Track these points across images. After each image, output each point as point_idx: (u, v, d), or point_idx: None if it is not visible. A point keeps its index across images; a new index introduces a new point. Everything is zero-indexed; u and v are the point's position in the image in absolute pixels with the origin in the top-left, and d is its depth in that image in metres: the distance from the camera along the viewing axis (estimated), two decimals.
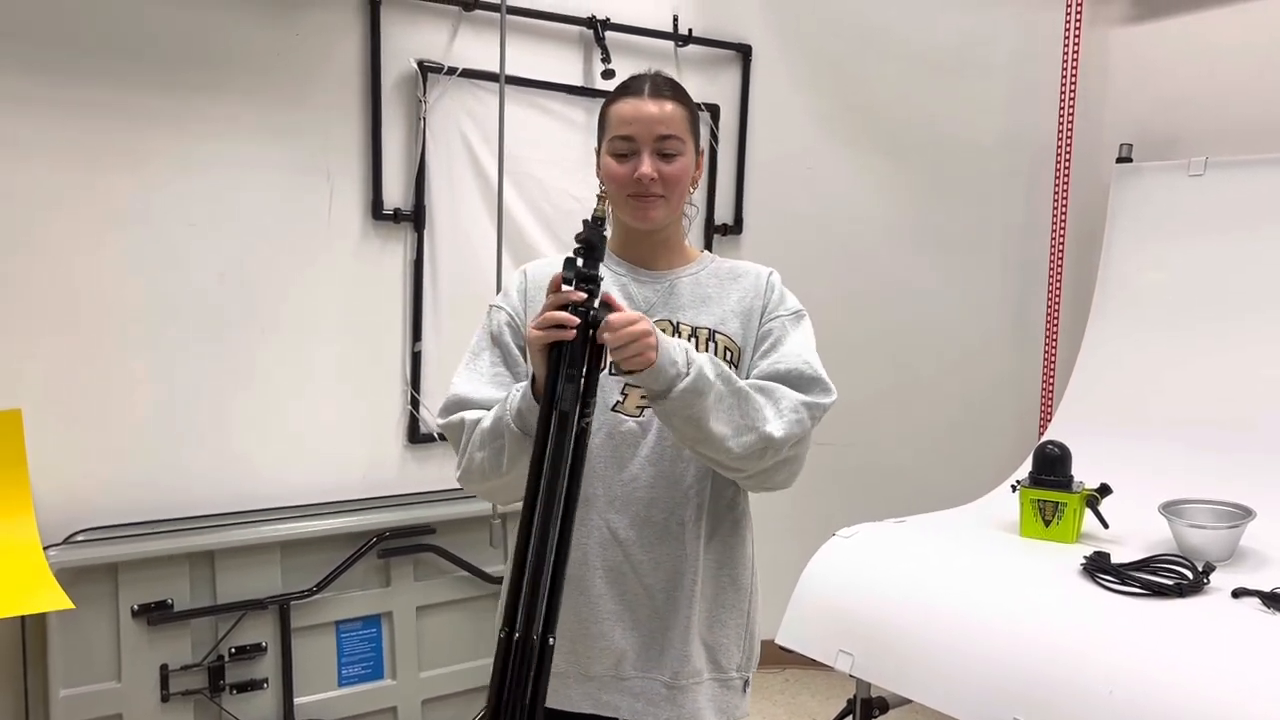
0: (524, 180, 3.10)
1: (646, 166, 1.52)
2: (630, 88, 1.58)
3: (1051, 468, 2.50)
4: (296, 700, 2.72)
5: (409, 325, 3.02)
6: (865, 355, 3.60)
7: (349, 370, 2.94)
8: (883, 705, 2.52)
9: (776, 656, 3.77)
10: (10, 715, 2.50)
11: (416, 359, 3.02)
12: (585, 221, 1.41)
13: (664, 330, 1.55)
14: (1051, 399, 3.30)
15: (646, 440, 1.55)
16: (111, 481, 2.63)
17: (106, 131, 2.55)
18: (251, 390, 2.80)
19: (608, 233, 1.46)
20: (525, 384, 1.45)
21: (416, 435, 3.05)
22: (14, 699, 2.50)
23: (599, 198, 1.53)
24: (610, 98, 1.60)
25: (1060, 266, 3.32)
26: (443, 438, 3.03)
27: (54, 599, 2.09)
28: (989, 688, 2.01)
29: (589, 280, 1.38)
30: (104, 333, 2.59)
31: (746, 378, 1.55)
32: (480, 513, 2.96)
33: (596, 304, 1.38)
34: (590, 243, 1.39)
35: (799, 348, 1.57)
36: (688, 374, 1.39)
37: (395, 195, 2.95)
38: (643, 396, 1.53)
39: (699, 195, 1.70)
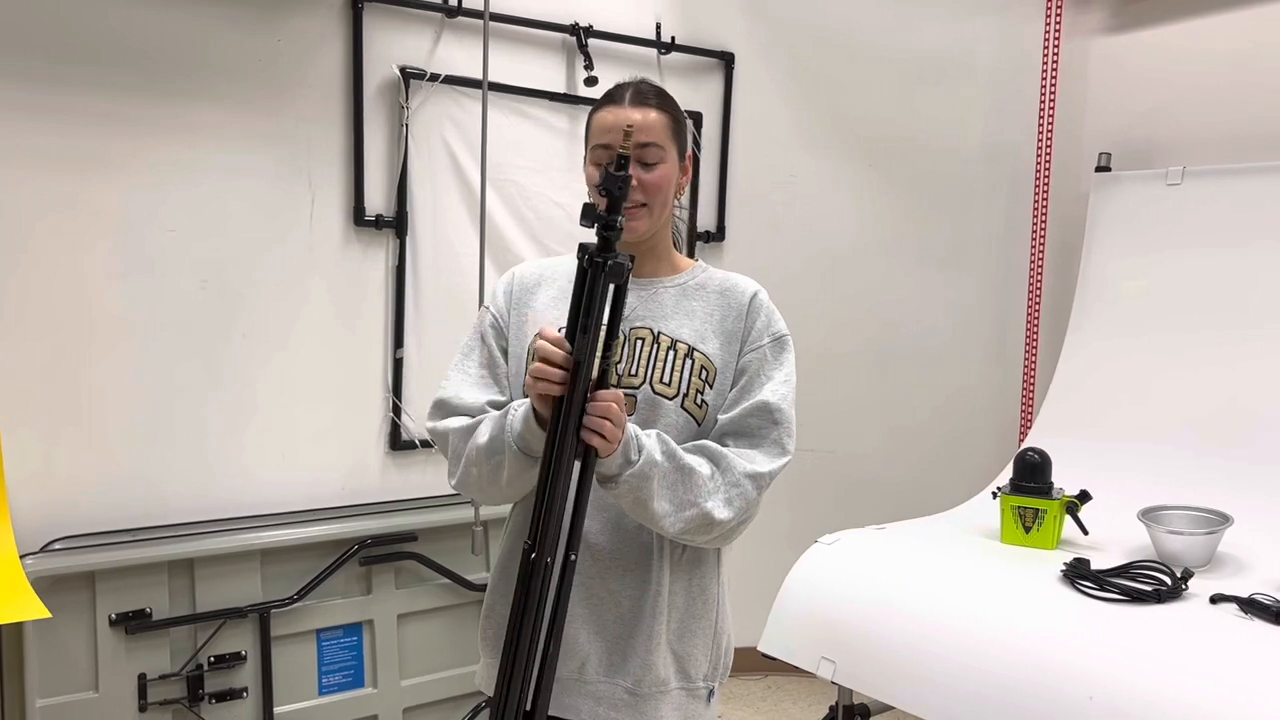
0: (506, 186, 3.10)
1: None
2: (613, 96, 1.58)
3: (1032, 474, 2.51)
4: (276, 709, 2.70)
5: (391, 331, 3.01)
6: (847, 363, 3.62)
7: (330, 377, 2.93)
8: (865, 712, 2.53)
9: (759, 663, 3.77)
10: None
11: (398, 365, 3.01)
12: (606, 173, 1.38)
13: (644, 339, 1.56)
14: (1032, 406, 3.32)
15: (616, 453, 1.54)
16: (89, 490, 2.61)
17: (88, 138, 2.54)
18: (232, 397, 2.79)
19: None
20: (526, 405, 1.44)
21: (398, 442, 3.04)
22: None
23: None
24: (595, 106, 1.60)
25: (1040, 275, 3.34)
26: (425, 444, 3.03)
27: (30, 608, 2.06)
28: (970, 694, 2.02)
29: (608, 227, 1.36)
30: (83, 340, 2.57)
31: (722, 404, 1.56)
32: (462, 520, 2.95)
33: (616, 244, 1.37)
34: (609, 191, 1.37)
35: (774, 389, 1.57)
36: (637, 461, 1.42)
37: (377, 201, 2.94)
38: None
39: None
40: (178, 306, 2.69)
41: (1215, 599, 2.07)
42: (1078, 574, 2.19)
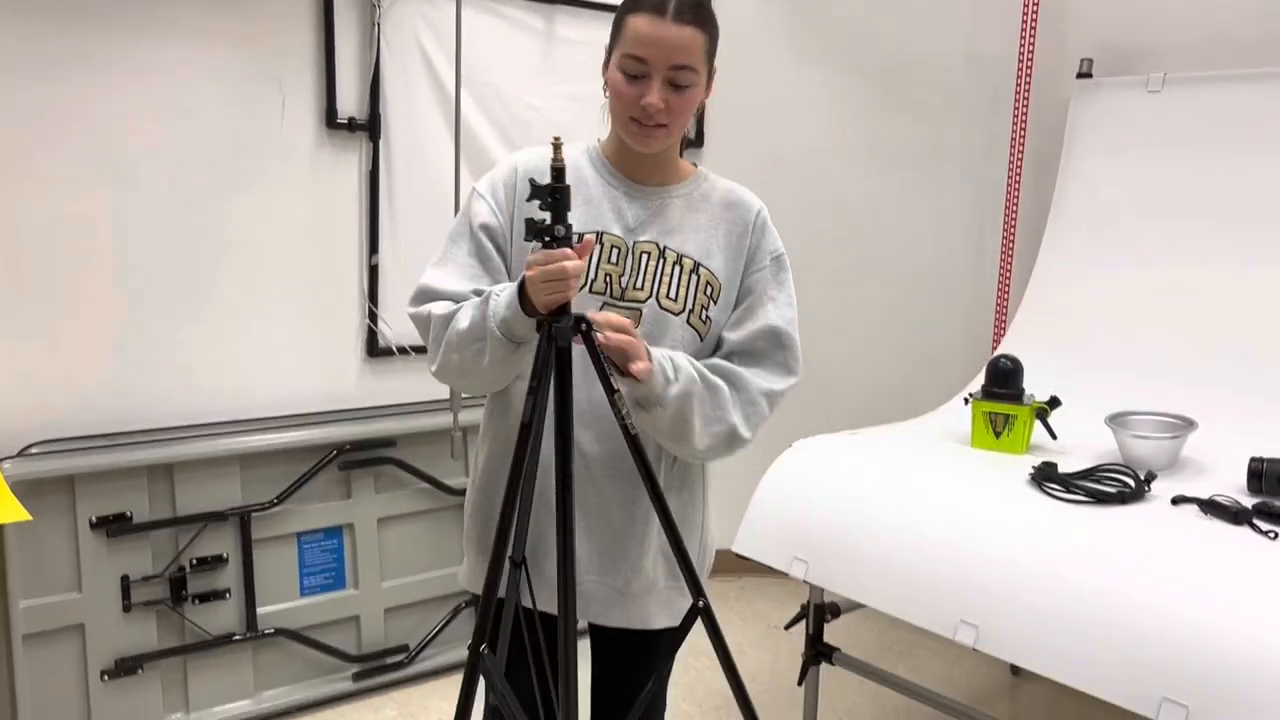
0: (481, 89, 3.04)
1: (654, 96, 1.44)
2: (654, 2, 1.44)
3: (1003, 381, 2.54)
4: (259, 609, 2.75)
5: (366, 237, 2.98)
6: (823, 271, 3.62)
7: (306, 283, 2.91)
8: (835, 610, 2.59)
9: (733, 565, 3.85)
10: None
11: (374, 272, 2.99)
12: (536, 183, 1.34)
13: (650, 254, 1.53)
14: (1006, 315, 3.35)
15: None
16: (65, 395, 2.60)
17: (54, 39, 2.46)
18: (206, 303, 2.77)
19: (598, 142, 1.42)
20: (511, 291, 1.40)
21: (375, 349, 3.04)
22: None
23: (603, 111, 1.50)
24: (631, 3, 1.47)
25: (1018, 184, 3.33)
26: (403, 351, 3.03)
27: (9, 511, 2.07)
28: (938, 592, 2.08)
29: (555, 238, 1.33)
30: (54, 245, 2.53)
31: (725, 320, 1.57)
32: (441, 426, 2.97)
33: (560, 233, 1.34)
34: (555, 210, 1.33)
35: (780, 313, 1.58)
36: (675, 380, 1.42)
37: (350, 104, 2.89)
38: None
39: None
40: (148, 212, 2.65)
41: (1177, 500, 2.13)
42: (1045, 477, 2.24)
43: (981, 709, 2.41)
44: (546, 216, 1.34)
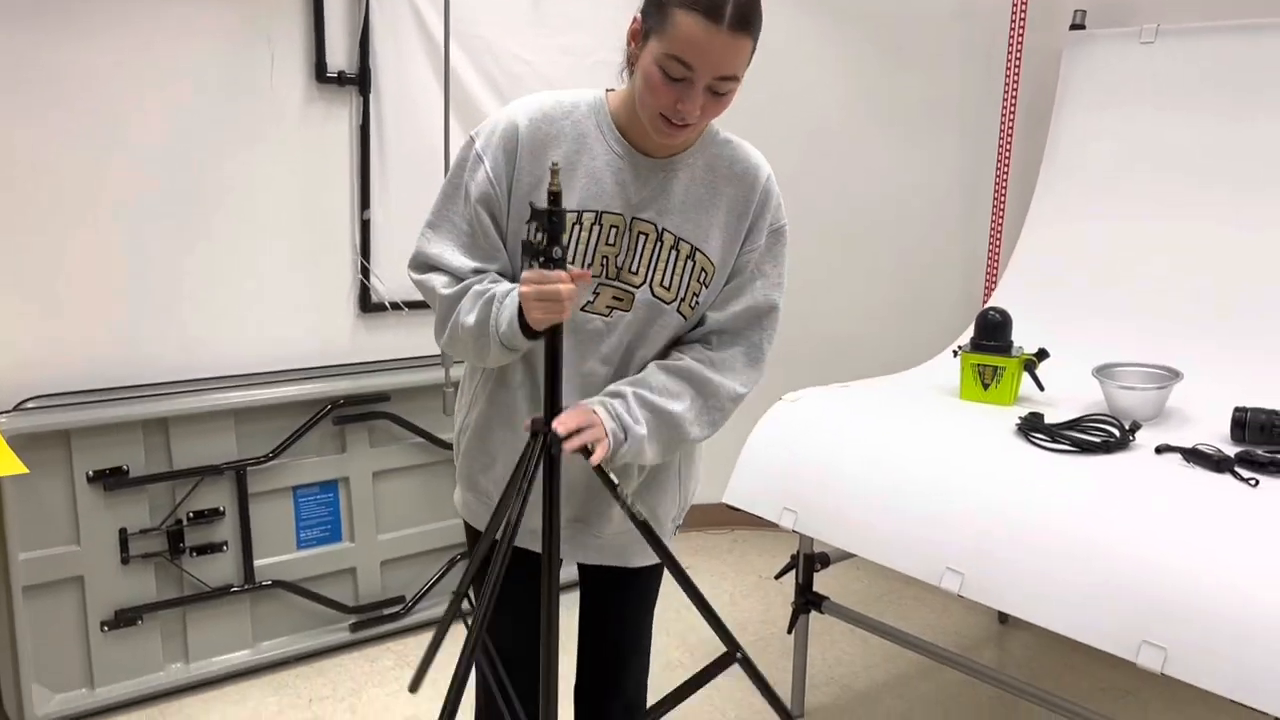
0: (471, 42, 3.02)
1: (693, 104, 1.37)
2: (713, 7, 1.32)
3: (992, 333, 2.56)
4: (257, 562, 2.78)
5: (357, 193, 2.97)
6: (815, 225, 3.62)
7: (298, 239, 2.91)
8: (824, 560, 2.64)
9: (725, 518, 3.89)
10: None
11: (365, 227, 2.99)
12: (535, 209, 1.33)
13: (647, 235, 1.51)
14: (997, 269, 3.36)
15: (609, 340, 1.53)
16: (59, 351, 2.61)
17: None
18: (199, 259, 2.77)
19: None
20: (512, 308, 1.40)
21: (368, 304, 3.04)
22: None
23: (625, 63, 1.47)
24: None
25: (1010, 137, 3.32)
26: (395, 307, 3.05)
27: (6, 464, 2.09)
28: (924, 540, 2.12)
29: (551, 259, 1.34)
30: (46, 201, 2.53)
31: (713, 300, 1.57)
32: (433, 381, 2.99)
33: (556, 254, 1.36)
34: (551, 233, 1.33)
35: (766, 292, 1.58)
36: (626, 440, 1.47)
37: (339, 58, 2.87)
38: (615, 298, 1.51)
39: None
40: (139, 168, 2.64)
41: (1160, 449, 2.16)
42: (1031, 427, 2.27)
43: (969, 656, 2.45)
44: (543, 238, 1.33)
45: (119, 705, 2.59)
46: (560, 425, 1.40)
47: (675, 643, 3.04)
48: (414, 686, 1.61)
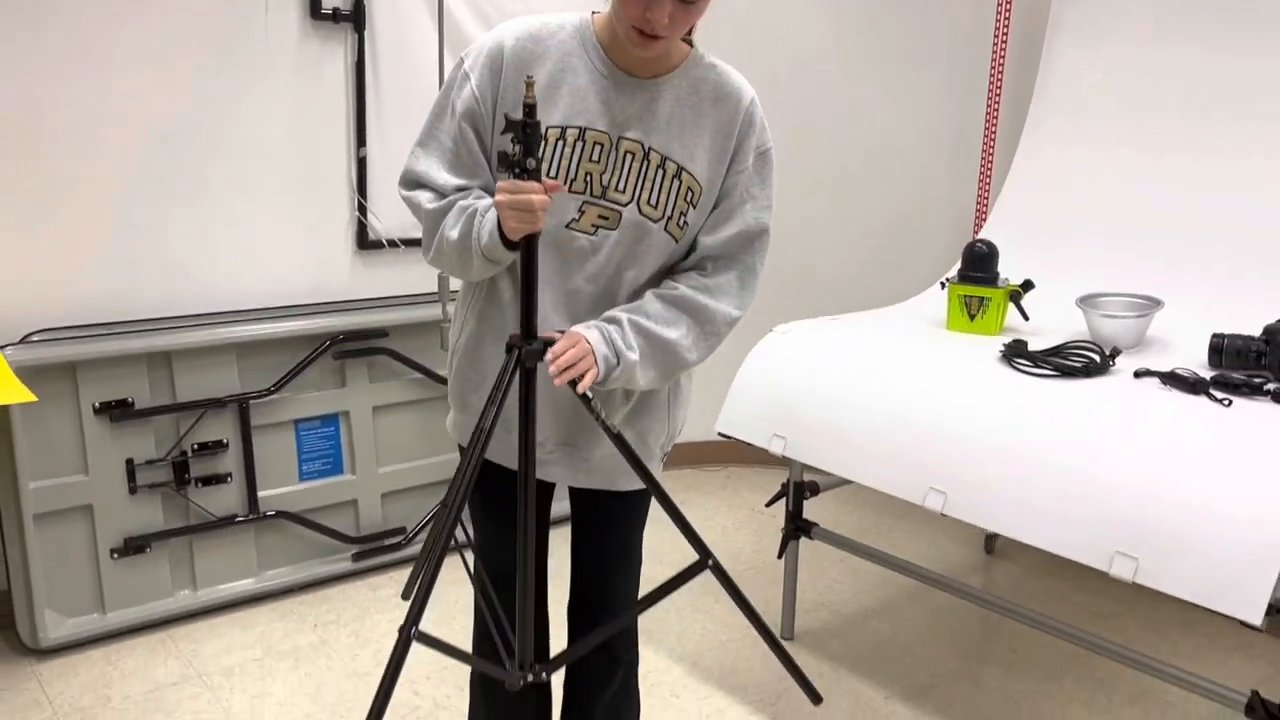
0: None
1: (661, 13, 1.40)
2: None
3: (979, 265, 2.61)
4: (260, 493, 2.85)
5: (353, 130, 3.00)
6: (806, 162, 3.65)
7: (295, 177, 2.94)
8: (814, 488, 2.70)
9: (718, 455, 3.96)
10: None
11: (362, 165, 3.02)
12: (510, 120, 1.38)
13: (634, 154, 1.54)
14: (986, 205, 3.40)
15: (595, 259, 1.57)
16: (61, 286, 2.65)
17: None
18: (197, 197, 2.80)
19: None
20: (492, 221, 1.45)
21: (365, 241, 3.08)
22: None
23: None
24: None
25: (1001, 72, 3.34)
26: (392, 244, 3.09)
27: (15, 392, 2.14)
28: (909, 461, 2.18)
29: (525, 170, 1.39)
30: (44, 140, 2.56)
31: (702, 222, 1.60)
32: (431, 318, 3.04)
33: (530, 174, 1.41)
34: (526, 145, 1.38)
35: (756, 215, 1.61)
36: (618, 364, 1.51)
37: None
38: (601, 216, 1.54)
39: None
40: (136, 107, 2.67)
41: (1139, 373, 2.21)
42: (1014, 353, 2.32)
43: (955, 578, 2.53)
44: (518, 149, 1.38)
45: (129, 629, 2.67)
46: (553, 360, 1.46)
47: (658, 556, 3.12)
48: (406, 594, 1.70)
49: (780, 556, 2.72)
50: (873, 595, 3.05)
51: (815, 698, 1.62)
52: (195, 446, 2.73)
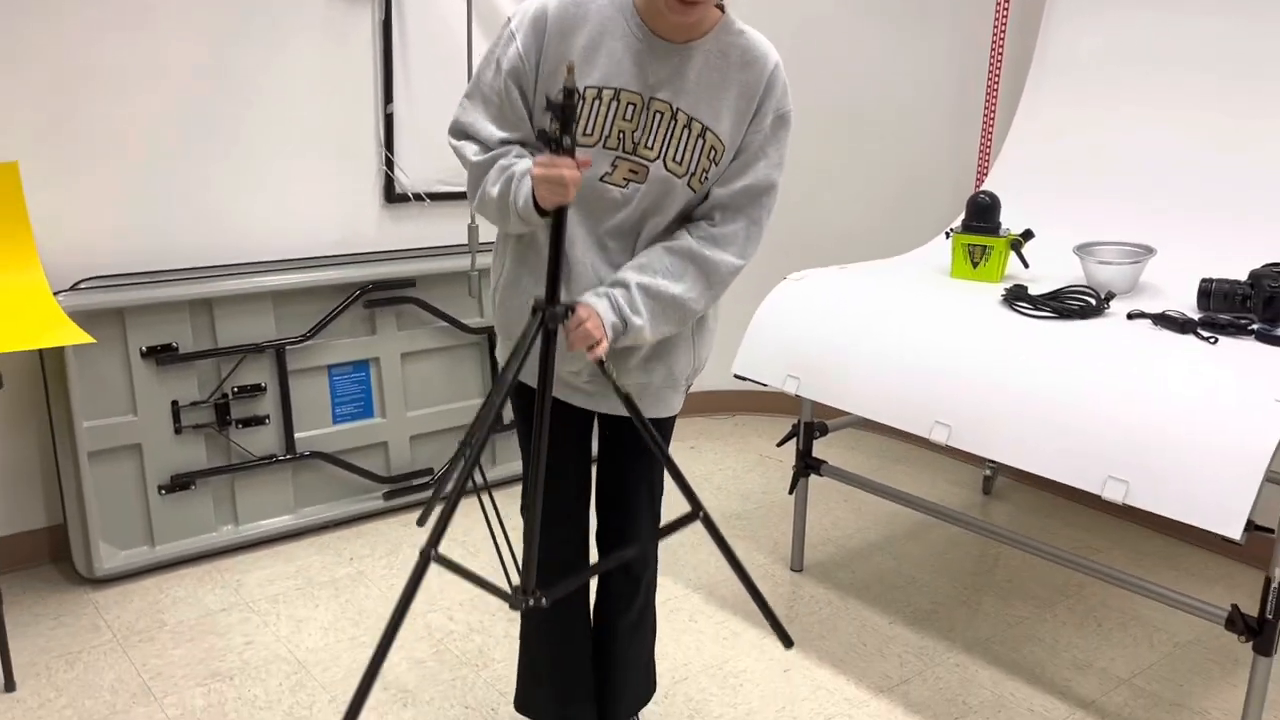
0: None
1: None
2: None
3: (982, 215, 2.74)
4: (297, 434, 2.99)
5: (380, 87, 3.11)
6: (814, 119, 3.77)
7: (324, 131, 3.06)
8: (823, 429, 2.86)
9: (728, 403, 4.11)
10: (36, 445, 2.75)
11: (389, 121, 3.14)
12: (550, 101, 1.49)
13: (663, 114, 1.67)
14: (988, 160, 3.52)
15: (625, 211, 1.70)
16: (104, 236, 2.78)
17: None
18: (231, 150, 2.92)
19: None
20: (528, 188, 1.58)
21: (393, 195, 3.21)
22: (39, 431, 2.74)
23: None
24: None
25: (1004, 28, 3.45)
26: (419, 198, 3.21)
27: (73, 334, 2.27)
28: (916, 397, 2.33)
29: (561, 147, 1.51)
30: (95, 99, 2.67)
31: (719, 176, 1.73)
32: (458, 269, 3.17)
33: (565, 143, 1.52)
34: (563, 123, 1.50)
35: (768, 172, 1.73)
36: (625, 330, 1.66)
37: None
38: (631, 171, 1.67)
39: None
40: (176, 66, 2.77)
41: (1132, 315, 2.36)
42: (1015, 297, 2.47)
43: (956, 510, 2.68)
44: (556, 127, 1.51)
45: (177, 561, 2.83)
46: (573, 329, 1.61)
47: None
48: (422, 520, 1.93)
49: (791, 493, 2.88)
50: (877, 530, 3.21)
51: (787, 642, 1.75)
52: (235, 389, 2.88)
